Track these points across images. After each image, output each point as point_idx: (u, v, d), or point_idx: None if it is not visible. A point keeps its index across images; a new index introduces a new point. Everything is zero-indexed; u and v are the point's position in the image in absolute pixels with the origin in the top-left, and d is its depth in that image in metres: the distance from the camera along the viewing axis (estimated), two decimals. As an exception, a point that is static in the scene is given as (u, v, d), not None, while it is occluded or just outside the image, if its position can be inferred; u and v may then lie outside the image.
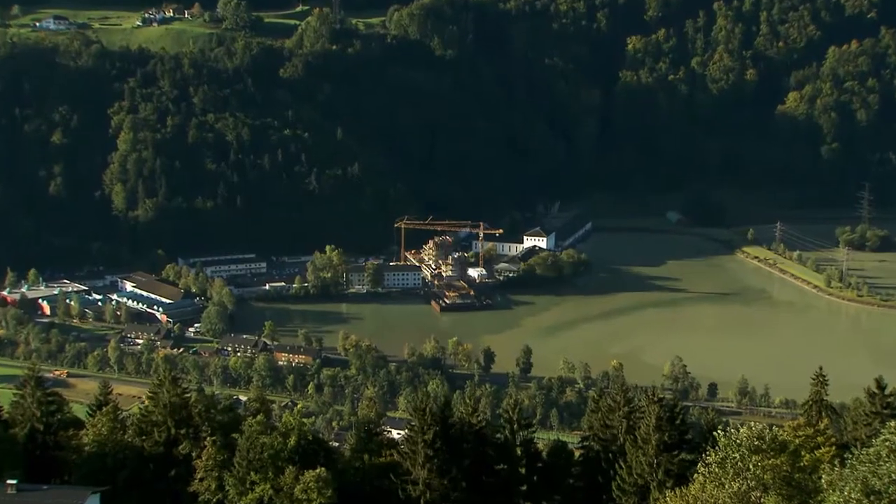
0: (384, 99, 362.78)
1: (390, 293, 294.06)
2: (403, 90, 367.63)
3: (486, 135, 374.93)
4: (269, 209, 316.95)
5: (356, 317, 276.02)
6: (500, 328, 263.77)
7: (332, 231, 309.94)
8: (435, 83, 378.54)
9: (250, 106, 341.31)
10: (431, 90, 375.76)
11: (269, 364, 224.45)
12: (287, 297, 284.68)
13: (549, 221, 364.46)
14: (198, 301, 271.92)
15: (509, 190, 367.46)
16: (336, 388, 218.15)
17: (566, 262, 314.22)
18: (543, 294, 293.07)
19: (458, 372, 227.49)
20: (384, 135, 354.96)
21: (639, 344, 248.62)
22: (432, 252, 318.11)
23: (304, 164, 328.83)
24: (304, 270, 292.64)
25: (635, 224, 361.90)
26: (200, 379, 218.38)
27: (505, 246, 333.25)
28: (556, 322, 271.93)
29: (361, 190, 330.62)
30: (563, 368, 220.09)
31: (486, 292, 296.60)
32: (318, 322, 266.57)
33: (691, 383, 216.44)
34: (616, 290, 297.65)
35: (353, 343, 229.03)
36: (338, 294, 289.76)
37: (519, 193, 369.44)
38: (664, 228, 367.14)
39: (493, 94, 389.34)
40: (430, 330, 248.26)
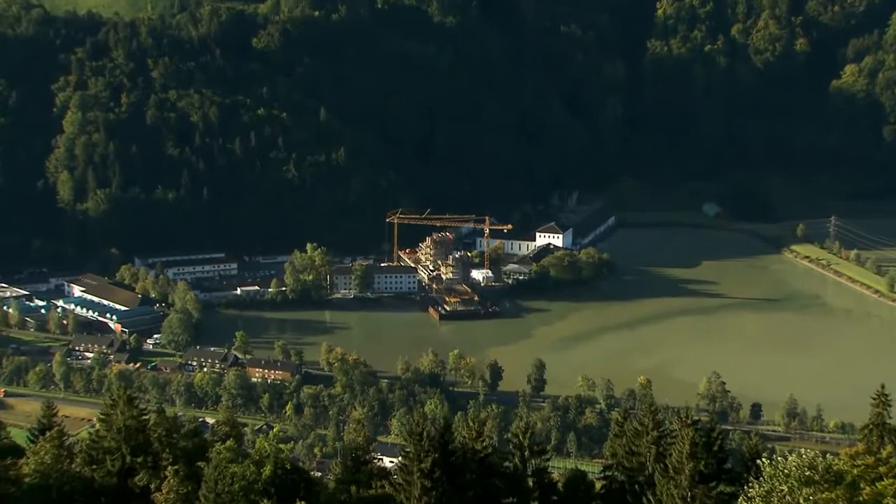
0: (374, 74, 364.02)
1: (381, 299, 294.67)
2: (397, 64, 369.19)
3: (492, 116, 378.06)
4: (241, 201, 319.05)
5: (342, 326, 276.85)
6: (508, 339, 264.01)
7: (314, 227, 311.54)
8: (433, 56, 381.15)
9: (219, 81, 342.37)
10: (429, 64, 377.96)
11: (240, 381, 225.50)
12: (262, 303, 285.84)
13: (566, 216, 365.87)
14: (157, 308, 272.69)
15: (520, 179, 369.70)
16: (318, 409, 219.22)
17: (585, 263, 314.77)
18: (559, 300, 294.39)
19: (460, 390, 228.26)
20: (374, 116, 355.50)
21: (670, 358, 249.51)
22: (430, 251, 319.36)
23: (281, 150, 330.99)
24: (282, 272, 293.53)
25: (666, 218, 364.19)
26: (160, 398, 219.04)
27: (514, 244, 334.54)
28: (573, 332, 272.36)
29: (348, 179, 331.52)
30: (581, 386, 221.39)
31: (493, 298, 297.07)
32: (297, 332, 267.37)
33: (731, 403, 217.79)
34: (643, 296, 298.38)
35: (339, 357, 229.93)
36: (320, 300, 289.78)
37: (531, 183, 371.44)
38: (700, 223, 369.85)
39: (500, 69, 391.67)
40: (428, 341, 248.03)
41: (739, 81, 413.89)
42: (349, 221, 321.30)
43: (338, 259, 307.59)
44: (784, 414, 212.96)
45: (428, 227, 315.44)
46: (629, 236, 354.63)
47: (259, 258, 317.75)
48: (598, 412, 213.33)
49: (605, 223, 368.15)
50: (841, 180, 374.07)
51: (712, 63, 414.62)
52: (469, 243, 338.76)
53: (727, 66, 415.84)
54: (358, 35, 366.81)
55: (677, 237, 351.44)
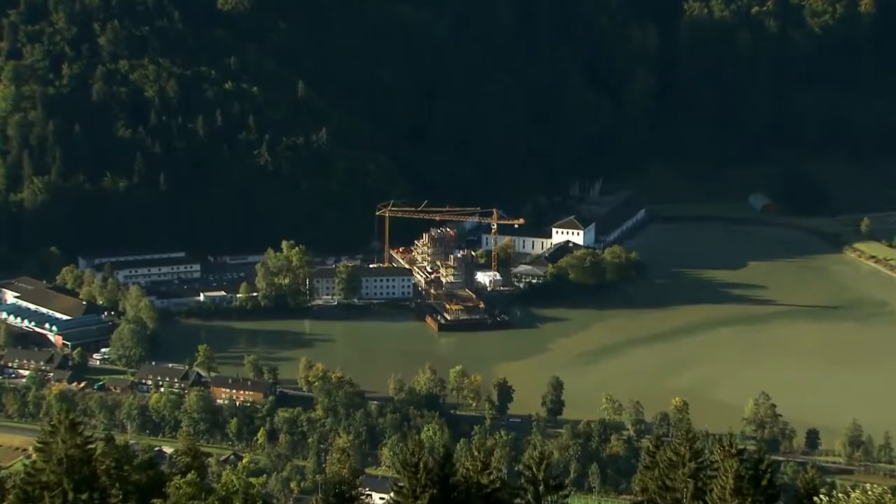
0: (362, 42, 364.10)
1: (370, 306, 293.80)
2: (388, 30, 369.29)
3: (500, 91, 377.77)
4: (205, 192, 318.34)
5: (324, 338, 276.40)
6: (519, 354, 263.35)
7: (291, 222, 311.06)
8: (431, 22, 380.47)
9: (178, 50, 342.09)
10: (427, 31, 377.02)
11: (203, 403, 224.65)
12: (229, 311, 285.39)
13: (588, 208, 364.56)
14: (105, 317, 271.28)
15: (533, 166, 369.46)
16: (296, 436, 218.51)
17: (610, 264, 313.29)
18: (579, 307, 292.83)
19: (463, 413, 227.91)
20: (362, 91, 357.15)
21: (710, 376, 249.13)
22: (428, 250, 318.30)
23: (252, 130, 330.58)
24: (253, 275, 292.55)
25: (705, 211, 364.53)
26: (109, 424, 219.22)
27: (527, 241, 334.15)
28: (596, 346, 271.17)
29: (331, 166, 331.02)
30: (606, 409, 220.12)
31: (501, 305, 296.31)
32: (271, 345, 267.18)
33: (783, 430, 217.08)
34: (679, 302, 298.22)
35: (320, 374, 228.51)
36: (298, 307, 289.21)
37: (546, 170, 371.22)
38: (745, 217, 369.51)
39: (510, 38, 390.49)
40: (425, 356, 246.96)
41: (792, 49, 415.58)
42: (332, 215, 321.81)
43: (319, 259, 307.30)
44: (846, 442, 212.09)
45: (425, 222, 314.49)
46: (662, 232, 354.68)
47: (226, 258, 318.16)
48: (625, 440, 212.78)
49: (634, 217, 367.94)
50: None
51: (760, 28, 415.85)
52: (473, 241, 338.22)
53: (778, 31, 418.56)
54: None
55: (719, 234, 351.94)
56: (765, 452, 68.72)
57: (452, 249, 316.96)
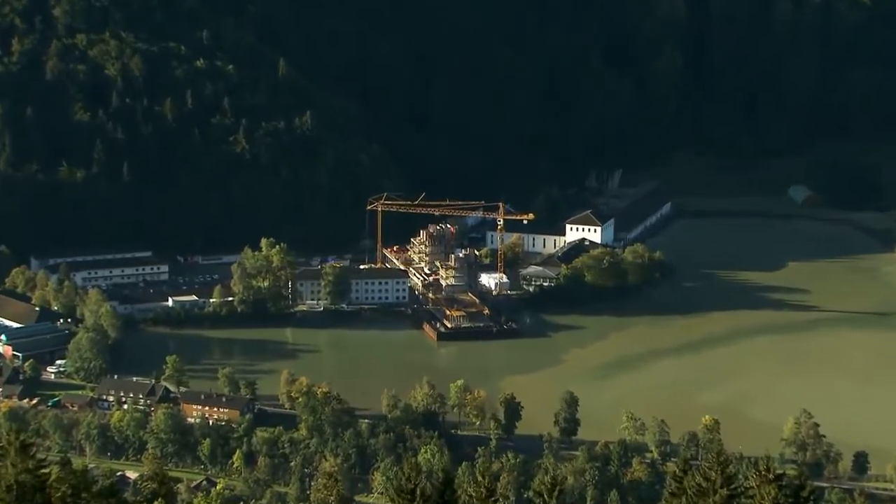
0: (352, 15, 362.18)
1: (361, 312, 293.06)
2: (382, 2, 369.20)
3: (508, 70, 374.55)
4: (174, 183, 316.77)
5: (308, 348, 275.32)
6: (529, 366, 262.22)
7: (272, 217, 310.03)
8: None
9: (143, 23, 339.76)
10: (425, 2, 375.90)
11: (172, 422, 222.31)
12: (201, 318, 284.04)
13: (606, 202, 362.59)
14: (61, 325, 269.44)
15: (544, 154, 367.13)
16: (277, 459, 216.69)
17: (632, 265, 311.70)
18: (596, 313, 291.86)
19: (466, 433, 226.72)
20: (352, 70, 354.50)
21: (744, 391, 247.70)
22: (425, 249, 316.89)
23: (227, 114, 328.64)
24: (228, 277, 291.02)
25: (740, 205, 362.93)
26: (66, 445, 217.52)
27: (537, 239, 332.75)
28: (615, 357, 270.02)
29: (316, 154, 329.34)
30: (626, 428, 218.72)
31: (508, 311, 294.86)
32: (248, 357, 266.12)
33: (827, 452, 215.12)
34: (709, 308, 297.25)
35: (304, 389, 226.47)
36: (280, 313, 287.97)
37: (559, 159, 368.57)
38: (785, 212, 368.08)
39: (519, 10, 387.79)
40: (422, 369, 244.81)
41: (838, 22, 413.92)
42: (318, 210, 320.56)
43: (303, 260, 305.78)
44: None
45: (422, 217, 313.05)
46: (690, 229, 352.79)
47: (198, 258, 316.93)
48: (648, 463, 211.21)
49: (659, 212, 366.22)
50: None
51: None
52: (477, 238, 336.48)
53: (822, 1, 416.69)
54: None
55: (754, 230, 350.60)
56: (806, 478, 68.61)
57: (453, 248, 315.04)
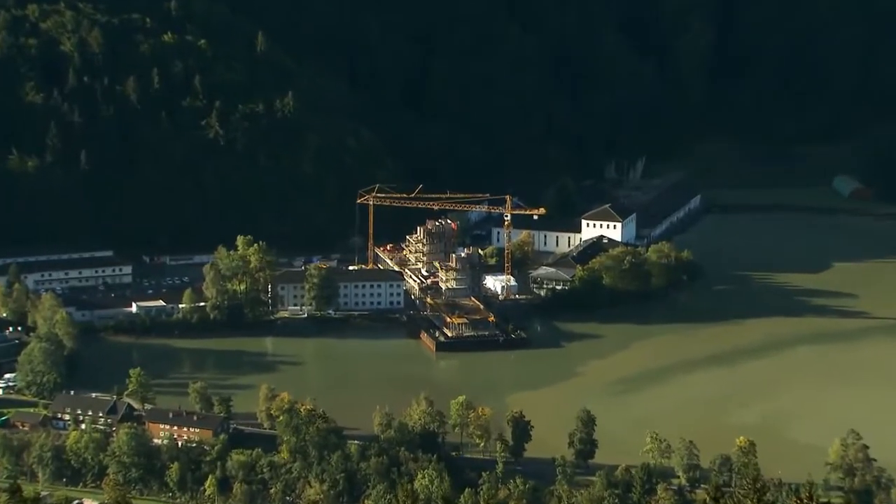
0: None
1: (350, 319, 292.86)
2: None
3: (515, 48, 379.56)
4: (139, 174, 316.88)
5: (290, 360, 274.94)
6: (540, 380, 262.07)
7: (249, 211, 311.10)
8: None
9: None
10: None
11: (136, 443, 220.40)
12: (169, 325, 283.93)
13: (627, 194, 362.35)
14: (10, 334, 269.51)
15: (557, 141, 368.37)
16: (255, 486, 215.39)
17: (656, 266, 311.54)
18: (616, 321, 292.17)
19: (469, 456, 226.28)
20: (340, 45, 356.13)
21: (784, 408, 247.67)
22: (423, 248, 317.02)
23: (199, 95, 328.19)
24: (200, 280, 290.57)
25: (777, 198, 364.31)
26: (15, 470, 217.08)
27: (549, 237, 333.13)
28: (637, 370, 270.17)
29: (300, 140, 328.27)
30: (650, 450, 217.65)
31: (517, 317, 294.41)
32: (223, 370, 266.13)
33: (878, 478, 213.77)
34: (743, 315, 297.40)
35: (285, 406, 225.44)
36: (258, 321, 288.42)
37: (574, 147, 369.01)
38: (829, 206, 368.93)
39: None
40: (419, 383, 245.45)
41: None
42: (301, 203, 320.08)
43: (284, 260, 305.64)
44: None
45: (420, 212, 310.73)
46: (722, 225, 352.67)
47: (165, 259, 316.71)
48: (675, 490, 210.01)
49: (686, 206, 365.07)
50: None
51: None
52: (481, 236, 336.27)
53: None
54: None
55: (794, 227, 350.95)
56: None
57: (454, 247, 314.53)
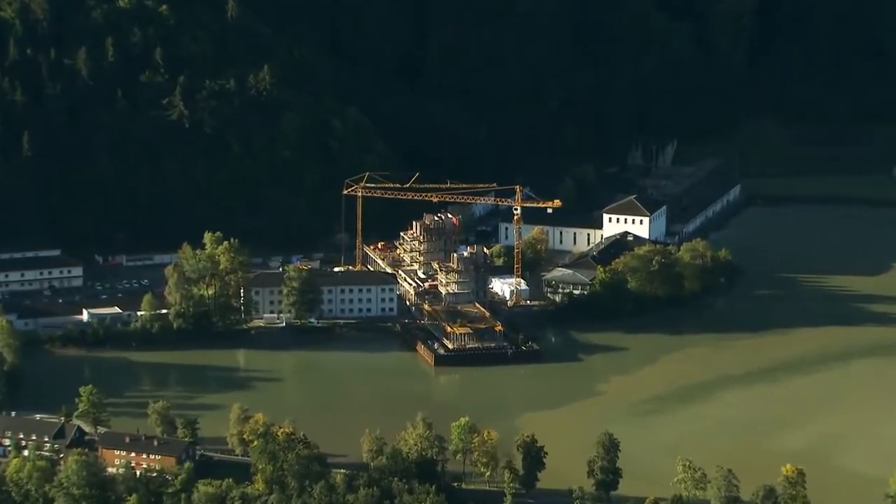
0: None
1: (335, 328, 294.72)
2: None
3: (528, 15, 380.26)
4: (90, 160, 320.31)
5: (266, 376, 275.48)
6: (555, 399, 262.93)
7: (218, 204, 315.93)
8: None
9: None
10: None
11: (88, 472, 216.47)
12: (125, 336, 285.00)
13: (656, 184, 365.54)
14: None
15: (574, 122, 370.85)
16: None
17: (689, 267, 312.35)
18: (642, 330, 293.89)
19: (472, 487, 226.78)
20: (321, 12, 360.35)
21: (837, 432, 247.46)
22: (420, 246, 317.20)
23: (160, 70, 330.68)
24: (162, 284, 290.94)
25: (829, 189, 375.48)
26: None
27: (566, 234, 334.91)
28: (667, 387, 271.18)
29: (277, 121, 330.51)
30: (682, 480, 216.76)
31: (529, 327, 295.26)
32: (188, 387, 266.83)
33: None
34: (789, 323, 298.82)
35: (260, 429, 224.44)
36: (229, 330, 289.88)
37: (595, 129, 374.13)
38: (890, 198, 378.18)
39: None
40: (415, 402, 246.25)
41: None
42: (279, 195, 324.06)
43: (260, 260, 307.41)
44: None
45: (416, 205, 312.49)
46: (765, 220, 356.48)
47: (121, 259, 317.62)
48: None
49: (724, 197, 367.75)
50: None
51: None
52: (487, 232, 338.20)
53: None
54: None
55: (849, 221, 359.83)
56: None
57: (456, 245, 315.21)
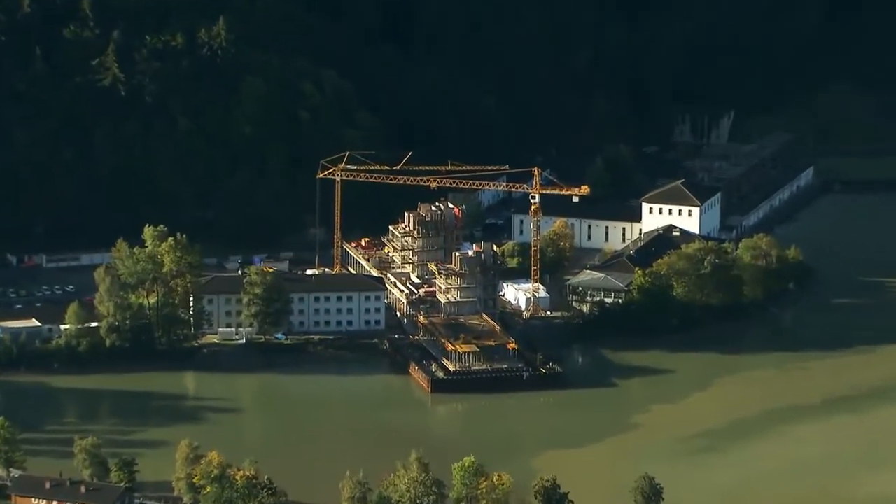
0: None
1: (307, 346, 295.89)
2: None
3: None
4: (0, 139, 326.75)
5: (221, 405, 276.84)
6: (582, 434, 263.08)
7: (162, 191, 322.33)
8: None
9: None
10: None
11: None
12: (46, 354, 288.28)
13: (708, 166, 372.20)
14: None
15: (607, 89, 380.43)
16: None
17: (749, 269, 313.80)
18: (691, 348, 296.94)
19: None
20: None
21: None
22: (413, 243, 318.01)
23: (90, 24, 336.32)
24: (91, 290, 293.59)
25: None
26: None
27: (596, 227, 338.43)
28: (722, 419, 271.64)
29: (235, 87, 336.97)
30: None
31: (549, 344, 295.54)
32: (123, 418, 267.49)
33: None
34: (876, 340, 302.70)
35: (214, 472, 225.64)
36: (175, 349, 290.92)
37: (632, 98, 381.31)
38: None
39: None
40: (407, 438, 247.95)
41: None
42: (237, 180, 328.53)
43: (213, 260, 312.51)
44: None
45: (409, 192, 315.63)
46: (845, 210, 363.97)
47: (40, 259, 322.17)
48: None
49: (794, 182, 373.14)
50: None
51: None
52: (497, 226, 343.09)
53: None
54: None
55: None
56: None
57: (459, 242, 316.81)
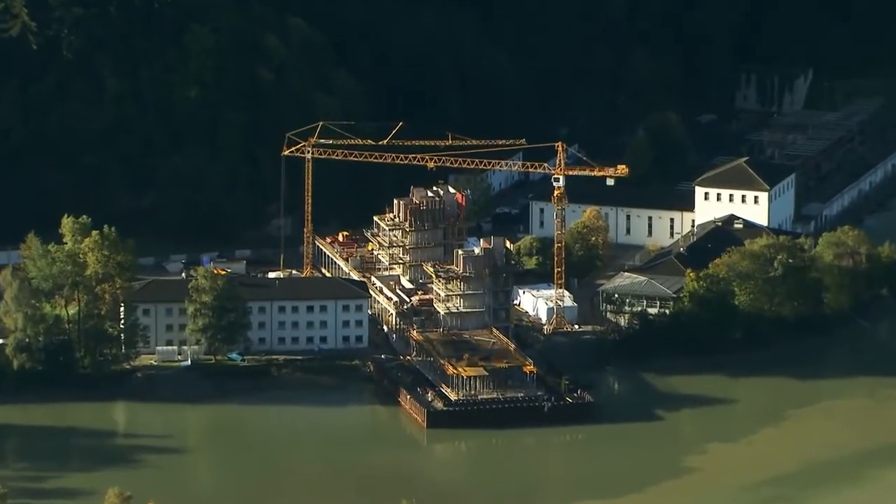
0: None
1: (271, 368, 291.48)
2: None
3: None
4: None
5: (161, 444, 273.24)
6: (621, 480, 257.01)
7: (85, 173, 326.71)
8: None
9: None
10: None
11: None
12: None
13: (779, 140, 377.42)
14: None
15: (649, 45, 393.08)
16: None
17: (831, 270, 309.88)
18: (757, 372, 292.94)
19: None
20: None
21: None
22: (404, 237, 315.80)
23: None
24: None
25: None
26: None
27: (636, 218, 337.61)
28: (799, 460, 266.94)
29: (176, 40, 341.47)
30: None
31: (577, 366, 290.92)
32: (37, 461, 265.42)
33: None
34: None
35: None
36: (101, 372, 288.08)
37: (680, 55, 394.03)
38: None
39: None
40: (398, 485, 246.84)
41: None
42: (182, 159, 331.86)
43: (150, 260, 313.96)
44: None
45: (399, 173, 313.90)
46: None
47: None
48: None
49: (889, 160, 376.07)
50: None
51: None
52: (510, 217, 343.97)
53: None
54: None
55: None
56: None
57: (462, 237, 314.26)
